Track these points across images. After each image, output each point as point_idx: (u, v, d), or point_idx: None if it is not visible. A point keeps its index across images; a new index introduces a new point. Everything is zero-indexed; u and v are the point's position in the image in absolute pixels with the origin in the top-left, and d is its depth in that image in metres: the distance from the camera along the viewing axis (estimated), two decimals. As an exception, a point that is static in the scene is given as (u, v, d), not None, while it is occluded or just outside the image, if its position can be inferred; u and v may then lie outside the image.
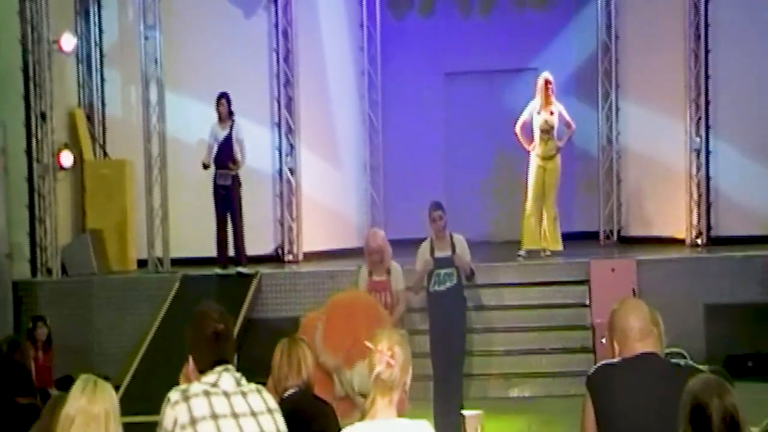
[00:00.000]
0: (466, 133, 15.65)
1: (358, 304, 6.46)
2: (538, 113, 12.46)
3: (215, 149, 11.84)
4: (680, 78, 13.24)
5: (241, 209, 11.95)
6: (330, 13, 14.57)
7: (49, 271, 12.60)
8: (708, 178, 13.25)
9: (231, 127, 11.88)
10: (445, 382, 8.89)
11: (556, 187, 12.59)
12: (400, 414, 3.97)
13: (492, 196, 15.56)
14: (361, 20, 15.00)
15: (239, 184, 11.91)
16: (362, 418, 4.14)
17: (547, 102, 12.42)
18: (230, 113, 11.92)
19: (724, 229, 13.19)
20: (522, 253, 12.43)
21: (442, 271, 8.95)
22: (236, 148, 11.84)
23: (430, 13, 15.53)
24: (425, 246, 9.14)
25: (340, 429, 4.36)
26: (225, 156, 11.82)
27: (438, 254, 9.01)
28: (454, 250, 8.96)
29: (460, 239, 9.08)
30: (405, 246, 9.88)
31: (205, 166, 11.83)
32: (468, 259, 9.05)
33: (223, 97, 11.89)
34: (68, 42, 13.04)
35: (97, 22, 14.06)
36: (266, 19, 13.83)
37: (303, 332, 6.48)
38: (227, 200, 11.85)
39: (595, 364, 4.57)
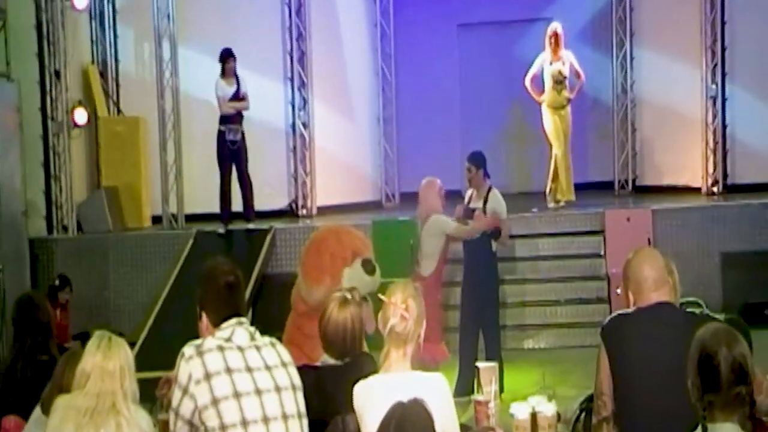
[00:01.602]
0: (480, 85, 15.55)
1: (322, 231, 6.48)
2: (550, 64, 12.39)
3: (225, 101, 11.78)
4: (696, 24, 13.07)
5: (247, 164, 11.90)
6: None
7: (65, 228, 12.65)
8: (724, 125, 13.14)
9: (237, 83, 11.82)
10: (465, 332, 8.98)
11: (569, 137, 12.56)
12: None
13: (507, 147, 15.49)
14: (373, -29, 14.90)
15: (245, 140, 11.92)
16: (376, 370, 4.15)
17: (557, 52, 12.34)
18: (235, 70, 11.87)
19: (740, 176, 13.09)
20: (551, 205, 12.46)
21: (470, 222, 9.01)
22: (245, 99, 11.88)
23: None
24: (468, 193, 9.19)
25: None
26: (234, 112, 11.80)
27: (472, 203, 9.07)
28: (485, 204, 8.97)
29: (494, 195, 9.03)
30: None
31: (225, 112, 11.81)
32: (499, 216, 8.98)
33: (232, 55, 11.79)
34: (81, -1, 13.00)
35: (108, -23, 14.00)
36: (277, -28, 13.73)
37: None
38: (237, 155, 11.79)
39: (610, 315, 4.56)
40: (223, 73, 11.83)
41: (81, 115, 13.03)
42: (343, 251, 6.18)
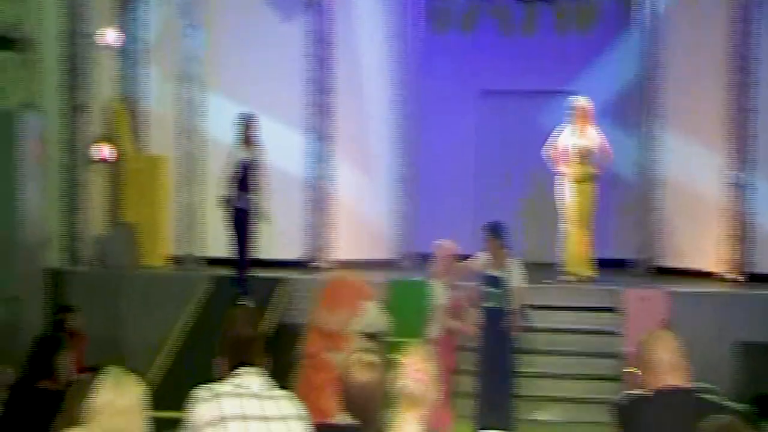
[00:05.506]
0: (500, 152, 15.59)
1: (341, 272, 6.94)
2: (577, 139, 12.45)
3: (238, 171, 11.33)
4: (721, 110, 13.09)
5: (251, 237, 11.41)
6: (368, 22, 14.56)
7: (83, 262, 12.69)
8: (746, 213, 13.09)
9: (253, 151, 11.33)
10: (483, 400, 8.92)
11: (591, 213, 12.56)
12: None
13: (524, 216, 15.48)
14: (400, 31, 14.96)
15: (255, 211, 11.38)
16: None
17: (583, 127, 12.40)
18: (253, 136, 11.33)
19: (761, 266, 12.95)
20: (566, 277, 12.43)
21: (489, 290, 8.99)
22: (258, 172, 11.37)
23: (471, 29, 15.46)
24: (485, 256, 9.10)
25: None
26: (247, 180, 11.31)
27: (490, 270, 9.05)
28: (504, 273, 8.96)
29: (515, 265, 9.03)
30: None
31: (227, 201, 11.34)
32: (518, 285, 8.94)
33: (250, 119, 11.38)
34: (111, 36, 13.16)
35: (139, 17, 14.17)
36: (304, 24, 13.87)
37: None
38: (240, 223, 11.30)
39: (623, 393, 4.53)
40: (244, 140, 11.32)
41: (104, 151, 13.13)
42: (364, 288, 6.78)
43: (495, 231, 9.08)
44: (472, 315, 9.12)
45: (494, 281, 8.98)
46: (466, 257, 9.34)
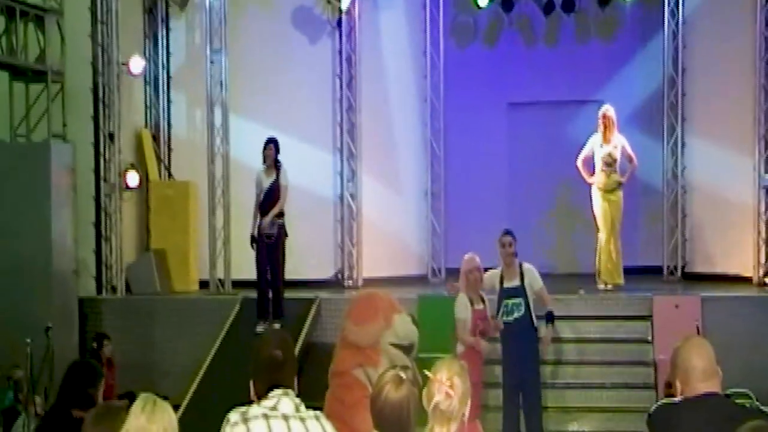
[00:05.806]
0: (529, 164, 15.53)
1: (367, 289, 6.99)
2: (601, 146, 12.41)
3: (261, 197, 11.34)
4: (749, 113, 12.99)
5: (284, 261, 11.36)
6: (393, 41, 14.64)
7: (114, 289, 12.77)
8: (778, 216, 12.98)
9: (277, 175, 11.23)
10: (506, 412, 8.87)
11: (619, 221, 12.52)
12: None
13: (554, 227, 15.42)
14: (425, 48, 15.01)
15: (285, 235, 11.34)
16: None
17: (608, 135, 12.36)
18: (276, 160, 11.24)
19: (792, 269, 12.88)
20: (601, 286, 12.40)
21: (510, 302, 8.91)
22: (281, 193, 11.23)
23: (494, 42, 15.48)
24: (495, 273, 9.09)
25: None
26: (270, 204, 11.25)
27: (506, 284, 8.95)
28: (522, 280, 8.90)
29: (530, 269, 8.99)
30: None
31: (254, 240, 11.31)
32: (539, 286, 8.93)
33: (272, 142, 11.24)
34: (137, 64, 13.28)
35: (165, 45, 14.31)
36: (330, 45, 13.97)
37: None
38: (271, 250, 11.24)
39: (656, 402, 4.49)
40: (264, 161, 11.34)
41: (133, 178, 13.23)
42: (393, 302, 6.85)
43: (513, 236, 9.03)
44: (489, 331, 9.06)
45: (514, 292, 8.92)
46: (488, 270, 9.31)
